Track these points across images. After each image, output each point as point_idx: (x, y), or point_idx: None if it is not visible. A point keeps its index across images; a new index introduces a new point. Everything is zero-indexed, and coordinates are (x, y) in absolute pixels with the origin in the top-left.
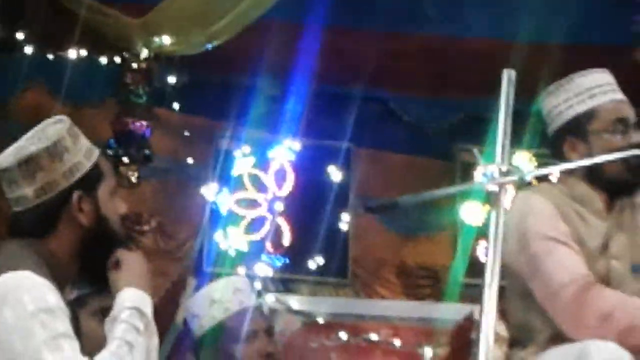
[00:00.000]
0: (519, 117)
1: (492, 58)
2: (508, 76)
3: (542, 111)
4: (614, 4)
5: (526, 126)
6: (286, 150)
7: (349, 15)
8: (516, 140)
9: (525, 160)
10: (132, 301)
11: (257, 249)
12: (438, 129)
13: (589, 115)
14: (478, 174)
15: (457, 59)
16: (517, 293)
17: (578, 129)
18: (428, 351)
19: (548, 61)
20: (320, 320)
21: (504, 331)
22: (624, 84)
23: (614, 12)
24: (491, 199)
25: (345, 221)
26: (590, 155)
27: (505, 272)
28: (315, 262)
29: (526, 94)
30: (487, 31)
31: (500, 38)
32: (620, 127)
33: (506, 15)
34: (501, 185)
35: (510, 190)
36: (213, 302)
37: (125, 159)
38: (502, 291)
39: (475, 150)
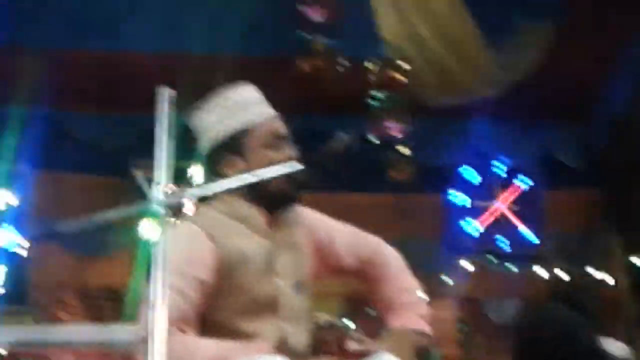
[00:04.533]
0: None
1: (159, 72)
2: (163, 94)
3: (195, 129)
4: (279, 17)
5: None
6: None
7: (13, 33)
8: (192, 154)
9: (201, 174)
10: None
11: None
12: (114, 147)
13: (244, 131)
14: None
15: (124, 75)
16: None
17: (234, 145)
18: None
19: (216, 73)
20: (2, 351)
21: None
22: (291, 93)
23: (279, 25)
24: (160, 218)
25: (23, 247)
26: (248, 170)
27: None
28: None
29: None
30: (153, 45)
31: (167, 51)
32: (275, 141)
33: (172, 29)
34: (165, 207)
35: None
36: None
37: None
38: None
39: (138, 172)
